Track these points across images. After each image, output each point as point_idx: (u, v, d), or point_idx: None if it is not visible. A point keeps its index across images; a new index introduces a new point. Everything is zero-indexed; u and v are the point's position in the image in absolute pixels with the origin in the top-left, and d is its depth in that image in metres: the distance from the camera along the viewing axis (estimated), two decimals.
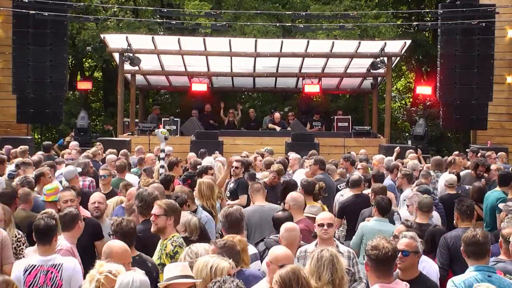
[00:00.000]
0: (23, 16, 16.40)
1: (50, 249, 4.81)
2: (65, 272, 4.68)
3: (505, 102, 18.31)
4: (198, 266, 4.12)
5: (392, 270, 4.08)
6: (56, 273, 4.68)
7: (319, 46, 18.99)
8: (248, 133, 18.68)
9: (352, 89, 22.25)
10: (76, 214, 5.42)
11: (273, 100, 24.27)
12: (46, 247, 4.80)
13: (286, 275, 3.85)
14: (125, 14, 22.30)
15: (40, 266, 4.70)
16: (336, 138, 17.55)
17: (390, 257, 4.04)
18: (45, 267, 4.69)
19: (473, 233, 4.67)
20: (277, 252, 4.43)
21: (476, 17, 16.95)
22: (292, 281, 3.82)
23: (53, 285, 4.66)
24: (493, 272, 4.56)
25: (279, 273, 3.91)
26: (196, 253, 4.48)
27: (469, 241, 4.62)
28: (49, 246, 4.81)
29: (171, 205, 5.44)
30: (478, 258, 4.61)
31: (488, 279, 4.45)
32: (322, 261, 4.24)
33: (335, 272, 4.20)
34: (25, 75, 16.89)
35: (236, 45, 18.62)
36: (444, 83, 17.40)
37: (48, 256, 4.77)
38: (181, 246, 5.17)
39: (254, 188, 7.32)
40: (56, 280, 4.67)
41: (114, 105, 20.77)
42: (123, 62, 18.11)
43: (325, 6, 22.23)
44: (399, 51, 18.75)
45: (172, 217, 5.34)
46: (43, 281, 4.65)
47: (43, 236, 4.82)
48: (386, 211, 6.92)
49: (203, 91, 19.79)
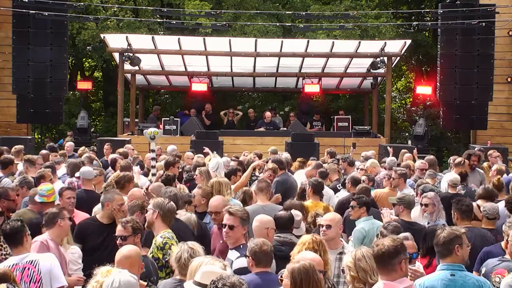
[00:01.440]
0: (23, 16, 16.38)
1: (23, 249, 4.96)
2: (42, 267, 4.79)
3: (505, 102, 18.30)
4: (192, 267, 4.16)
5: (395, 267, 4.00)
6: (33, 268, 4.79)
7: (319, 46, 18.99)
8: (248, 133, 18.68)
9: (352, 89, 22.25)
10: (57, 213, 5.62)
11: (273, 100, 24.27)
12: (19, 248, 4.97)
13: (298, 273, 3.83)
14: (125, 14, 22.29)
15: (15, 264, 4.81)
16: (336, 138, 17.54)
17: (385, 255, 4.00)
18: (21, 265, 4.80)
19: (439, 232, 4.68)
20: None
21: (476, 17, 16.92)
22: (303, 281, 3.81)
23: (31, 281, 4.75)
24: (459, 271, 4.51)
25: (291, 267, 3.87)
26: (192, 248, 4.57)
27: (436, 241, 4.64)
28: (21, 246, 4.96)
29: (159, 201, 5.61)
30: (443, 257, 4.60)
31: (450, 277, 4.45)
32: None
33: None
34: (25, 75, 16.87)
35: (236, 45, 18.62)
36: (444, 83, 17.39)
37: (22, 255, 4.90)
38: (170, 239, 5.33)
39: (258, 187, 7.31)
40: (34, 276, 4.77)
41: (114, 105, 20.77)
42: (123, 62, 18.11)
43: (325, 6, 22.24)
44: (399, 51, 18.74)
45: (156, 212, 5.49)
46: (19, 278, 4.72)
47: (11, 239, 5.01)
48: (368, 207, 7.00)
49: (203, 91, 19.79)
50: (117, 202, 6.30)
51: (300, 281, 3.81)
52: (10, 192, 6.88)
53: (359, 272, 4.23)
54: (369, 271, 4.23)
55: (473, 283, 4.48)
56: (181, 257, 4.52)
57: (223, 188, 7.25)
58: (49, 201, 6.79)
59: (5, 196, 6.74)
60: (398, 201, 7.05)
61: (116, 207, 6.24)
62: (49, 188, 6.95)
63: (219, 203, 6.18)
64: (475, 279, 4.56)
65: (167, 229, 5.49)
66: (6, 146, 12.97)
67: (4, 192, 6.83)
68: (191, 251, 4.54)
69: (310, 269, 3.88)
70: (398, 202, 7.05)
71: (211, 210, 6.26)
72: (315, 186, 7.60)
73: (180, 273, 4.54)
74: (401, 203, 7.01)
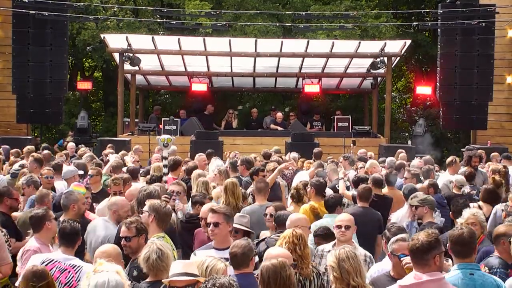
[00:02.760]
0: (23, 16, 16.38)
1: (72, 251, 4.95)
2: (83, 276, 4.64)
3: (505, 102, 18.31)
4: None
5: (429, 262, 4.04)
6: (73, 273, 4.74)
7: (319, 46, 18.99)
8: (248, 133, 18.69)
9: (352, 89, 22.25)
10: (43, 216, 5.54)
11: (273, 100, 24.26)
12: (69, 248, 4.96)
13: (266, 272, 3.88)
14: (125, 14, 22.30)
15: (57, 262, 4.78)
16: (336, 138, 17.54)
17: (419, 249, 4.05)
18: (63, 265, 4.77)
19: (459, 231, 4.61)
20: (274, 253, 4.38)
21: (476, 17, 16.93)
22: (271, 279, 3.86)
23: (67, 284, 4.70)
24: (477, 270, 4.51)
25: (260, 266, 3.93)
26: (160, 249, 4.49)
27: (455, 240, 4.58)
28: (71, 248, 4.97)
29: (155, 205, 5.53)
30: (463, 257, 4.56)
31: (470, 277, 4.43)
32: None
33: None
34: (25, 75, 16.88)
35: (236, 45, 18.62)
36: (444, 83, 17.40)
37: (68, 255, 4.89)
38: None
39: (257, 188, 7.31)
40: (71, 281, 4.71)
41: (114, 105, 20.77)
42: (123, 62, 18.12)
43: (326, 6, 22.24)
44: (399, 51, 18.75)
45: (152, 215, 5.43)
46: (56, 277, 4.67)
47: (67, 238, 5.00)
48: (332, 209, 6.94)
49: (203, 91, 19.79)
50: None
51: (268, 278, 3.88)
52: (13, 191, 6.87)
53: (343, 273, 4.21)
54: (352, 272, 4.21)
55: (491, 283, 4.47)
56: (150, 258, 4.42)
57: (237, 189, 7.22)
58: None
59: (8, 194, 6.70)
60: (421, 202, 6.83)
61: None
62: (82, 192, 6.97)
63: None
64: (492, 279, 4.55)
65: (160, 233, 5.41)
66: (6, 146, 13.00)
67: (8, 191, 6.80)
68: (159, 252, 4.43)
69: (279, 266, 3.92)
70: (421, 203, 6.84)
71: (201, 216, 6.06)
72: (317, 186, 7.57)
73: (150, 274, 4.46)
74: (425, 203, 6.81)
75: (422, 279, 3.98)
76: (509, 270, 5.03)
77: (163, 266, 4.37)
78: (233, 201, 7.07)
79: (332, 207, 6.98)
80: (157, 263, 4.37)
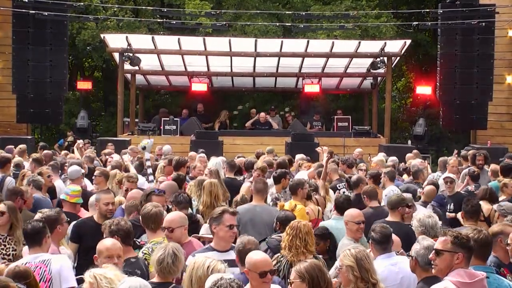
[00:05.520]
0: (23, 16, 16.39)
1: (40, 249, 4.99)
2: (53, 267, 4.80)
3: (505, 102, 18.30)
4: (194, 265, 4.21)
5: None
6: (44, 268, 4.81)
7: (319, 46, 18.99)
8: (248, 133, 18.68)
9: (352, 89, 22.24)
10: (55, 219, 5.57)
11: (273, 100, 24.23)
12: (36, 248, 5.01)
13: (312, 269, 4.02)
14: (125, 14, 22.28)
15: (28, 263, 4.84)
16: (336, 138, 17.55)
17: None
18: (33, 264, 4.83)
19: (482, 233, 4.51)
20: (255, 258, 4.30)
21: (476, 17, 16.94)
22: (319, 278, 4.02)
23: (42, 280, 4.77)
24: (491, 273, 4.47)
25: (302, 266, 4.05)
26: (176, 254, 4.51)
27: (478, 242, 4.46)
28: (38, 247, 5.00)
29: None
30: (481, 259, 4.50)
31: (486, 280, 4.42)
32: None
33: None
34: (25, 75, 16.88)
35: (236, 45, 18.62)
36: (444, 83, 17.40)
37: (36, 254, 4.95)
38: (149, 255, 5.19)
39: (256, 188, 7.34)
40: (44, 275, 4.79)
41: (114, 105, 20.76)
42: (123, 62, 18.12)
43: (326, 6, 22.22)
44: (399, 51, 18.75)
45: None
46: None
47: (31, 238, 5.06)
48: (342, 210, 6.71)
49: (203, 91, 19.78)
50: (103, 201, 6.38)
51: (316, 277, 4.03)
52: (25, 194, 7.02)
53: (362, 272, 4.27)
54: (370, 270, 4.32)
55: (506, 286, 4.46)
56: (164, 261, 4.43)
57: (214, 188, 7.46)
58: (71, 201, 6.92)
59: (21, 195, 6.89)
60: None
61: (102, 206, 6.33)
62: (75, 189, 7.07)
63: (174, 219, 5.54)
64: (507, 282, 4.52)
65: (158, 238, 5.49)
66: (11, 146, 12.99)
67: (21, 191, 6.98)
68: (174, 257, 4.44)
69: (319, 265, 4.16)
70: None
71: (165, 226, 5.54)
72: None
73: (159, 276, 4.48)
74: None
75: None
76: (502, 269, 5.01)
77: (174, 271, 4.46)
78: (207, 200, 7.39)
79: (340, 210, 6.90)
80: (170, 267, 4.43)
